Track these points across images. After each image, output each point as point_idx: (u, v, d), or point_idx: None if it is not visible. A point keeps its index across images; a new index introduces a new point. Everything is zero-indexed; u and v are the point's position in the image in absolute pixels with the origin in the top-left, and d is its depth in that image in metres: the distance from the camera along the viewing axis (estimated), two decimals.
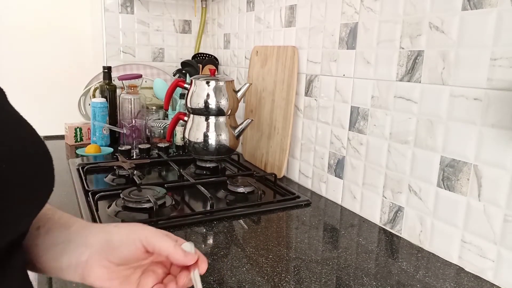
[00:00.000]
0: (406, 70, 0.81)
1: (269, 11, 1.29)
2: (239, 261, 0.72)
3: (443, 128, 0.74)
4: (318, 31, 1.06)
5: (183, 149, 1.37)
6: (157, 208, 0.87)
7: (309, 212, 0.97)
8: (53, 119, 1.76)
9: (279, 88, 1.20)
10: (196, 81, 1.18)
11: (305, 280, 0.67)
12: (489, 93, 0.66)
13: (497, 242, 0.66)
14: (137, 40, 1.76)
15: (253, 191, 1.03)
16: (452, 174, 0.73)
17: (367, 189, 0.93)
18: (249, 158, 1.37)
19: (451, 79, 0.72)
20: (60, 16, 1.90)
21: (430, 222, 0.78)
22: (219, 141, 1.19)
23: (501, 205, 0.65)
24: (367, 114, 0.91)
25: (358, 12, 0.92)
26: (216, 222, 0.88)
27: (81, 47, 1.95)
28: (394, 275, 0.69)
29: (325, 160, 1.06)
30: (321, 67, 1.06)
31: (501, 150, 0.65)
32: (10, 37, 1.82)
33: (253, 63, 1.35)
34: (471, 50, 0.68)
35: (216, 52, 1.75)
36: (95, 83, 1.57)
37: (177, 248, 0.43)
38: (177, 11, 1.81)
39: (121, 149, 1.30)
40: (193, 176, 1.13)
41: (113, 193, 0.96)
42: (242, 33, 1.49)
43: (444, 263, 0.74)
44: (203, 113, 1.18)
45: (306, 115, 1.13)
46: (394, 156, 0.85)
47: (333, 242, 0.82)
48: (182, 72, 1.67)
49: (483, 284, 0.67)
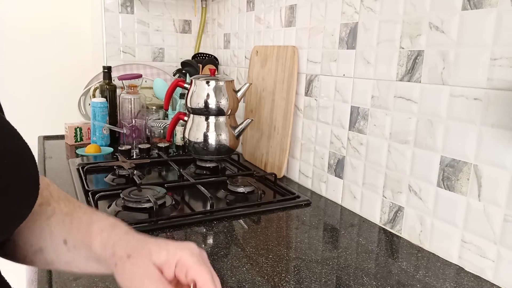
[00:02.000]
0: (406, 70, 0.81)
1: (269, 11, 1.29)
2: (239, 261, 0.72)
3: (443, 128, 0.74)
4: (318, 31, 1.06)
5: (183, 149, 1.37)
6: (157, 208, 0.87)
7: (309, 212, 0.97)
8: (53, 119, 1.76)
9: (279, 88, 1.20)
10: (196, 81, 1.18)
11: (305, 280, 0.67)
12: (489, 93, 0.66)
13: (497, 242, 0.66)
14: (137, 40, 1.76)
15: (253, 191, 1.03)
16: (452, 174, 0.73)
17: (367, 189, 0.93)
18: (249, 158, 1.37)
19: (451, 79, 0.72)
20: (60, 16, 1.90)
21: (430, 222, 0.78)
22: (219, 141, 1.19)
23: (501, 205, 0.65)
24: (367, 114, 0.91)
25: (358, 12, 0.92)
26: (216, 222, 0.88)
27: (81, 47, 1.95)
28: (394, 275, 0.69)
29: (325, 160, 1.06)
30: (321, 67, 1.06)
31: (501, 150, 0.65)
32: (10, 37, 1.82)
33: (253, 63, 1.35)
34: (471, 49, 0.68)
35: (216, 52, 1.75)
36: (95, 83, 1.57)
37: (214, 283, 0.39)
38: (177, 11, 1.81)
39: (121, 149, 1.30)
40: (193, 176, 1.13)
41: (113, 193, 0.96)
42: (242, 33, 1.49)
43: (444, 263, 0.74)
44: (203, 113, 1.18)
45: (306, 115, 1.13)
46: (394, 156, 0.85)
47: (333, 242, 0.82)
48: (182, 72, 1.67)
49: (483, 284, 0.67)
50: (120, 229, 0.43)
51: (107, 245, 0.41)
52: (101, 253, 0.41)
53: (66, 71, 1.93)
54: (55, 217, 0.44)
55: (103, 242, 0.41)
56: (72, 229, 0.43)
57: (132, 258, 0.39)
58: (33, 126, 1.54)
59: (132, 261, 0.39)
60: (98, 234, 0.42)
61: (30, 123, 1.57)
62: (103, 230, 0.42)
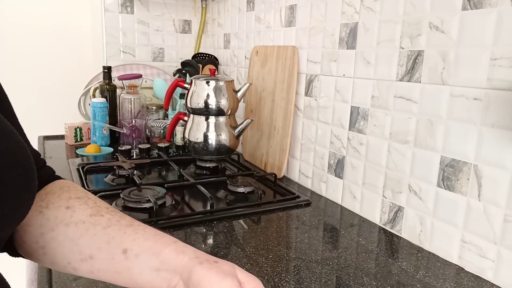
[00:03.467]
0: (406, 70, 0.81)
1: (269, 11, 1.29)
2: (239, 261, 0.72)
3: (443, 128, 0.74)
4: (318, 31, 1.06)
5: (183, 149, 1.37)
6: (157, 208, 0.87)
7: (309, 212, 0.97)
8: (53, 119, 1.76)
9: (279, 88, 1.20)
10: (196, 81, 1.18)
11: (305, 280, 0.67)
12: (489, 93, 0.66)
13: (497, 242, 0.66)
14: (137, 40, 1.76)
15: (253, 191, 1.03)
16: (452, 174, 0.73)
17: (367, 189, 0.93)
18: (249, 158, 1.37)
19: (451, 79, 0.72)
20: (60, 16, 1.90)
21: (430, 222, 0.78)
22: (219, 141, 1.19)
23: (501, 205, 0.65)
24: (367, 114, 0.91)
25: (358, 12, 0.92)
26: (216, 222, 0.88)
27: (81, 47, 1.95)
28: (394, 275, 0.69)
29: (325, 160, 1.06)
30: (321, 67, 1.06)
31: (501, 150, 0.65)
32: (10, 37, 1.82)
33: (253, 63, 1.35)
34: (471, 50, 0.68)
35: (216, 52, 1.75)
36: (95, 83, 1.57)
37: None
38: (177, 11, 1.81)
39: (121, 149, 1.30)
40: (193, 176, 1.13)
41: (113, 193, 0.96)
42: (242, 33, 1.49)
43: (444, 263, 0.74)
44: (203, 113, 1.18)
45: (306, 115, 1.13)
46: (394, 156, 0.85)
47: (333, 242, 0.82)
48: (182, 72, 1.67)
49: (483, 284, 0.67)
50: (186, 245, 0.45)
51: (180, 252, 0.42)
52: (173, 259, 0.42)
53: (66, 71, 1.93)
54: (113, 227, 0.44)
55: (177, 250, 0.42)
56: (136, 239, 0.44)
57: (220, 263, 0.41)
58: (33, 126, 1.53)
59: (220, 264, 0.41)
60: (173, 243, 0.43)
61: (30, 123, 1.57)
62: (176, 241, 0.44)
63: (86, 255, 0.43)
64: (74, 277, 0.64)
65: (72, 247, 0.44)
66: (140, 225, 0.46)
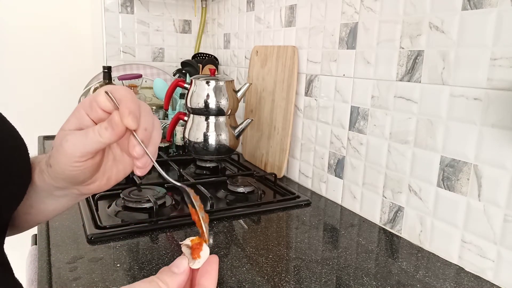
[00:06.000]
0: (406, 70, 0.81)
1: (269, 11, 1.29)
2: (239, 261, 0.72)
3: (443, 128, 0.74)
4: (318, 31, 1.06)
5: (183, 149, 1.37)
6: (157, 208, 0.87)
7: (309, 212, 0.97)
8: (53, 119, 1.76)
9: (279, 88, 1.20)
10: (196, 81, 1.18)
11: (305, 280, 0.67)
12: (489, 93, 0.66)
13: (497, 242, 0.66)
14: (137, 40, 1.76)
15: (253, 191, 1.03)
16: (452, 174, 0.73)
17: (367, 189, 0.93)
18: (249, 158, 1.37)
19: (451, 79, 0.72)
20: (60, 16, 1.90)
21: (430, 222, 0.78)
22: (219, 141, 1.19)
23: (501, 205, 0.65)
24: (367, 114, 0.91)
25: (358, 12, 0.92)
26: (216, 222, 0.88)
27: (81, 47, 1.95)
28: (394, 275, 0.69)
29: (325, 160, 1.06)
30: (321, 67, 1.06)
31: (501, 150, 0.65)
32: (10, 37, 1.82)
33: (253, 63, 1.35)
34: (471, 50, 0.68)
35: (216, 52, 1.75)
36: (95, 83, 1.57)
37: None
38: (177, 11, 1.81)
39: None
40: (193, 176, 1.13)
41: (113, 193, 0.96)
42: (242, 33, 1.49)
43: (444, 263, 0.74)
44: (203, 113, 1.18)
45: (306, 115, 1.13)
46: (394, 156, 0.85)
47: (333, 242, 0.82)
48: (182, 72, 1.67)
49: (483, 284, 0.67)
50: None
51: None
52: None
53: (66, 71, 1.92)
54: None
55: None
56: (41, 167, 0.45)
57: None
58: (33, 126, 1.54)
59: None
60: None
61: (30, 123, 1.57)
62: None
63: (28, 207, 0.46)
64: (74, 277, 0.64)
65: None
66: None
